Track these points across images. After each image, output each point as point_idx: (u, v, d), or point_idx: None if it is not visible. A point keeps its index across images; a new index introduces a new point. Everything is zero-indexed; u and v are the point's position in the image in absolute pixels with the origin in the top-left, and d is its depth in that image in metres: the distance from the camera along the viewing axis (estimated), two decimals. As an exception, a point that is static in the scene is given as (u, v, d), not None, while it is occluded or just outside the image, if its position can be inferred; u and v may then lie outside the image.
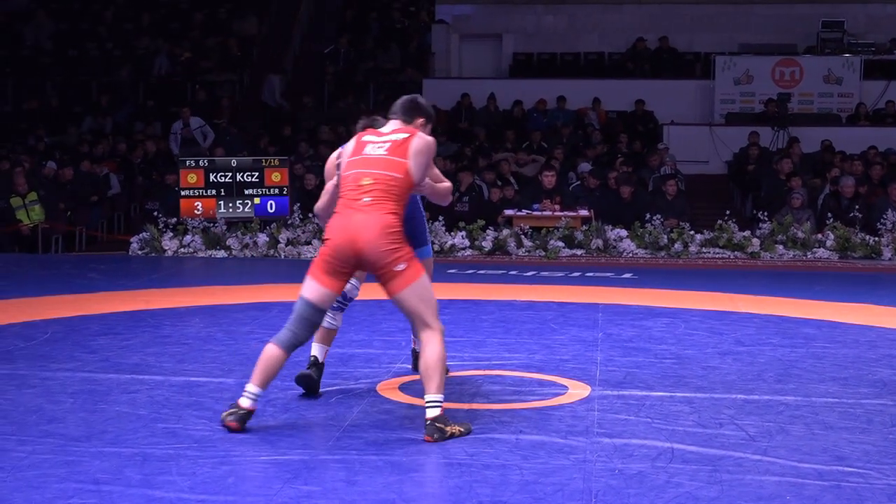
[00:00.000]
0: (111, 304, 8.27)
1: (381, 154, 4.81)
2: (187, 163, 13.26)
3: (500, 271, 10.92)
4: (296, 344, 4.77)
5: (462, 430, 4.67)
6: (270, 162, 13.22)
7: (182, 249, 12.61)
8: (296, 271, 11.13)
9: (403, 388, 5.59)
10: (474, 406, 5.22)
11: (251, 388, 4.73)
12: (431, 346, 4.71)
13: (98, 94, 19.07)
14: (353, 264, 4.75)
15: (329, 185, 5.28)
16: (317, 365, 5.47)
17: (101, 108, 18.65)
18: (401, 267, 4.70)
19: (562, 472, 4.19)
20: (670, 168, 15.17)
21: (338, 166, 5.07)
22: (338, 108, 18.54)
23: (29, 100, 18.97)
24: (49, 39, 20.50)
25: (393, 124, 5.01)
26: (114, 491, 3.90)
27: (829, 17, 19.46)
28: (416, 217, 5.50)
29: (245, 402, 4.73)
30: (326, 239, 4.79)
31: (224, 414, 4.76)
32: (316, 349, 5.49)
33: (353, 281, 5.45)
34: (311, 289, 4.77)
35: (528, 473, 4.16)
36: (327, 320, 5.44)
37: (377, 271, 4.73)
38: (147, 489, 3.93)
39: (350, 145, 4.97)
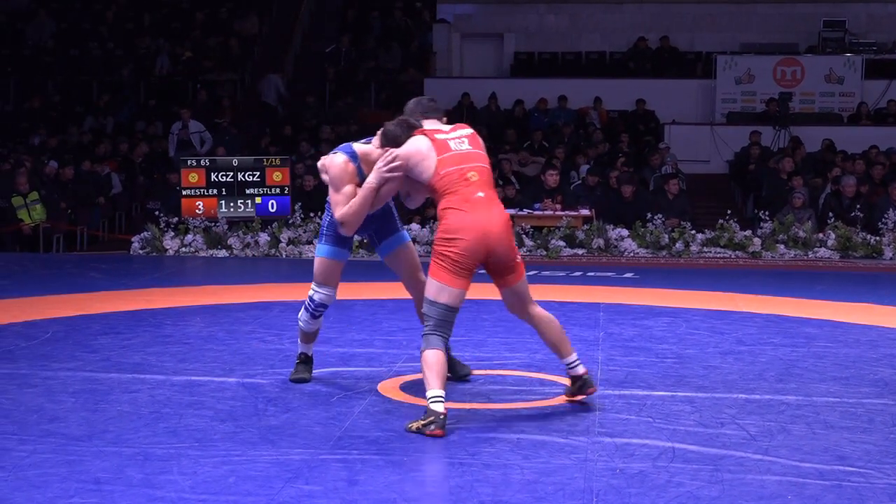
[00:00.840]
0: (112, 304, 8.27)
1: (468, 148, 5.00)
2: (188, 162, 13.27)
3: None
4: (447, 340, 5.00)
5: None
6: (272, 161, 13.23)
7: (183, 249, 12.61)
8: (297, 271, 11.15)
9: (404, 387, 5.59)
10: (475, 406, 5.22)
11: (436, 392, 4.75)
12: (551, 314, 5.17)
13: (99, 93, 19.08)
14: (483, 260, 4.92)
15: (349, 189, 5.21)
16: (308, 361, 5.76)
17: (103, 107, 18.66)
18: (519, 258, 5.04)
19: (563, 471, 4.19)
20: (671, 167, 15.17)
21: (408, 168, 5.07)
22: (339, 108, 18.55)
23: (30, 99, 18.98)
24: (51, 39, 20.51)
25: (437, 122, 5.15)
26: (115, 490, 3.90)
27: (830, 17, 19.46)
28: (386, 209, 5.57)
29: (439, 407, 4.71)
30: (455, 239, 4.83)
31: (418, 426, 4.69)
32: (304, 348, 5.75)
33: (328, 290, 5.53)
34: (450, 294, 4.89)
35: (529, 473, 4.16)
36: (309, 324, 5.62)
37: (503, 264, 4.95)
38: (148, 489, 3.93)
39: (422, 145, 4.97)
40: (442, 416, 4.68)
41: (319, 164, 5.48)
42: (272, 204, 13.08)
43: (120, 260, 12.10)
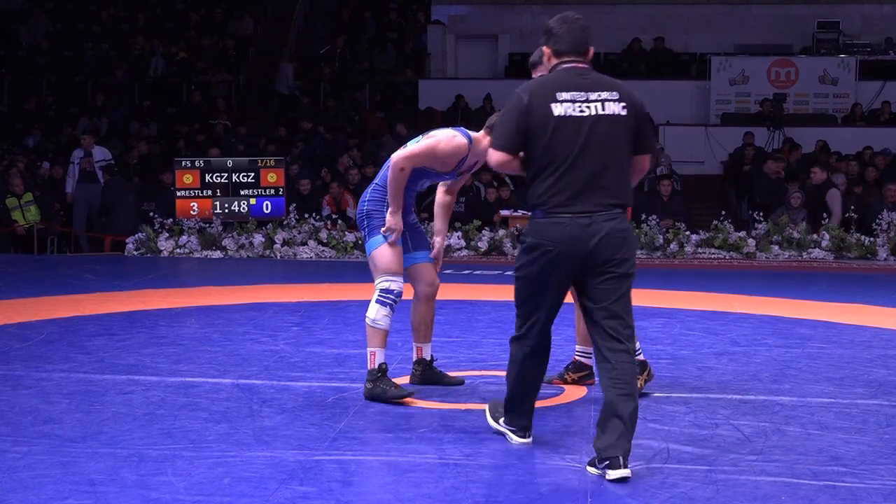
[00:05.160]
0: (107, 305, 8.27)
1: None
2: (183, 163, 13.26)
3: (496, 272, 10.92)
4: None
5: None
6: (266, 162, 13.23)
7: (178, 250, 12.61)
8: (292, 272, 11.14)
9: (399, 388, 5.58)
10: (470, 406, 5.22)
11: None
12: None
13: (94, 94, 19.06)
14: None
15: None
16: (383, 371, 5.35)
17: (97, 108, 18.65)
18: None
19: (557, 472, 4.19)
20: (666, 168, 15.18)
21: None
22: (334, 108, 18.54)
23: (25, 100, 18.95)
24: (45, 40, 20.48)
25: None
26: (109, 492, 3.90)
27: (824, 18, 19.49)
28: (419, 229, 5.54)
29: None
30: None
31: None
32: (382, 355, 5.33)
33: (400, 279, 5.36)
34: None
35: (523, 474, 4.16)
36: (388, 319, 5.35)
37: None
38: (143, 490, 3.92)
39: None
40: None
41: (431, 133, 5.35)
42: (267, 205, 13.08)
43: (114, 261, 12.10)
